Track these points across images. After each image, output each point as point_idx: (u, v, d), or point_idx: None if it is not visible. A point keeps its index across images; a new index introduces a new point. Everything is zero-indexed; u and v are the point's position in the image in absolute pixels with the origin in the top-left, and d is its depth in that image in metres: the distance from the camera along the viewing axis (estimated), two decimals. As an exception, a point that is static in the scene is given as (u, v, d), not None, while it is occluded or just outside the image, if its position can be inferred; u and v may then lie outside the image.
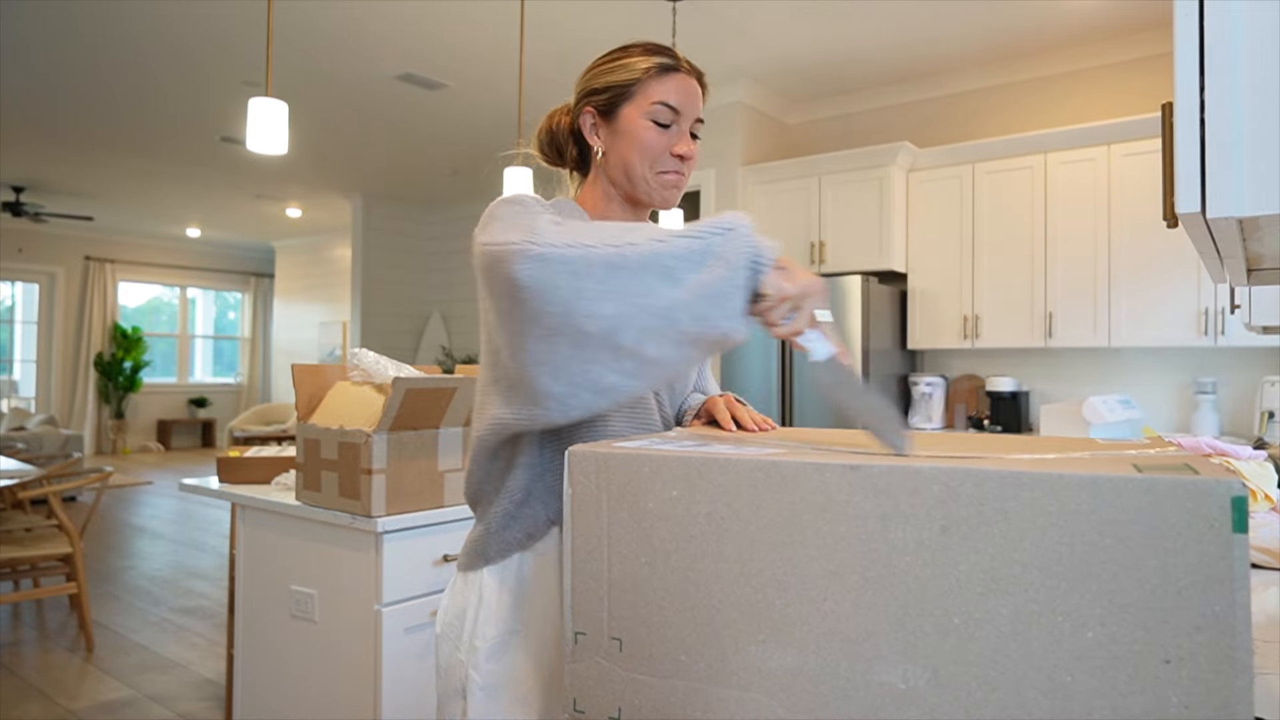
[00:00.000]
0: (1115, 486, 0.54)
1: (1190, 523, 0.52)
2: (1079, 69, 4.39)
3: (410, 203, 8.29)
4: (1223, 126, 0.56)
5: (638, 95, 1.08)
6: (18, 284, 10.24)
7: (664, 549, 0.71)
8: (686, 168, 1.12)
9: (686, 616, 0.69)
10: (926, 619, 0.59)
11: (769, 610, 0.65)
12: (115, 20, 4.11)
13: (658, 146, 1.08)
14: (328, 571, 1.97)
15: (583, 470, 0.76)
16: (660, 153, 1.09)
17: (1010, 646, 0.56)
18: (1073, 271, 4.04)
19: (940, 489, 0.59)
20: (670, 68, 1.09)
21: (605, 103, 1.10)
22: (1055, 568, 0.56)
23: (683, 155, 1.10)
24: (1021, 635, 0.56)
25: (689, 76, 1.11)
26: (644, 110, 1.07)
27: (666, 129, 1.09)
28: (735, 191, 4.94)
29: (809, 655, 0.63)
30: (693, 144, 1.11)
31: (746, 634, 0.66)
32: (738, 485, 0.67)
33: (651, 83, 1.08)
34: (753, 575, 0.66)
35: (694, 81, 1.11)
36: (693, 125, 1.12)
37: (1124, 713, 0.53)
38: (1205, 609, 0.52)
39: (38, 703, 2.94)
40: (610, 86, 1.09)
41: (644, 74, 1.08)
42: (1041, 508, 0.56)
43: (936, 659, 0.59)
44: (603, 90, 1.10)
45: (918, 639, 0.59)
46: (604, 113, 1.10)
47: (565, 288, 0.81)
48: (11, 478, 3.65)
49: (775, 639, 0.65)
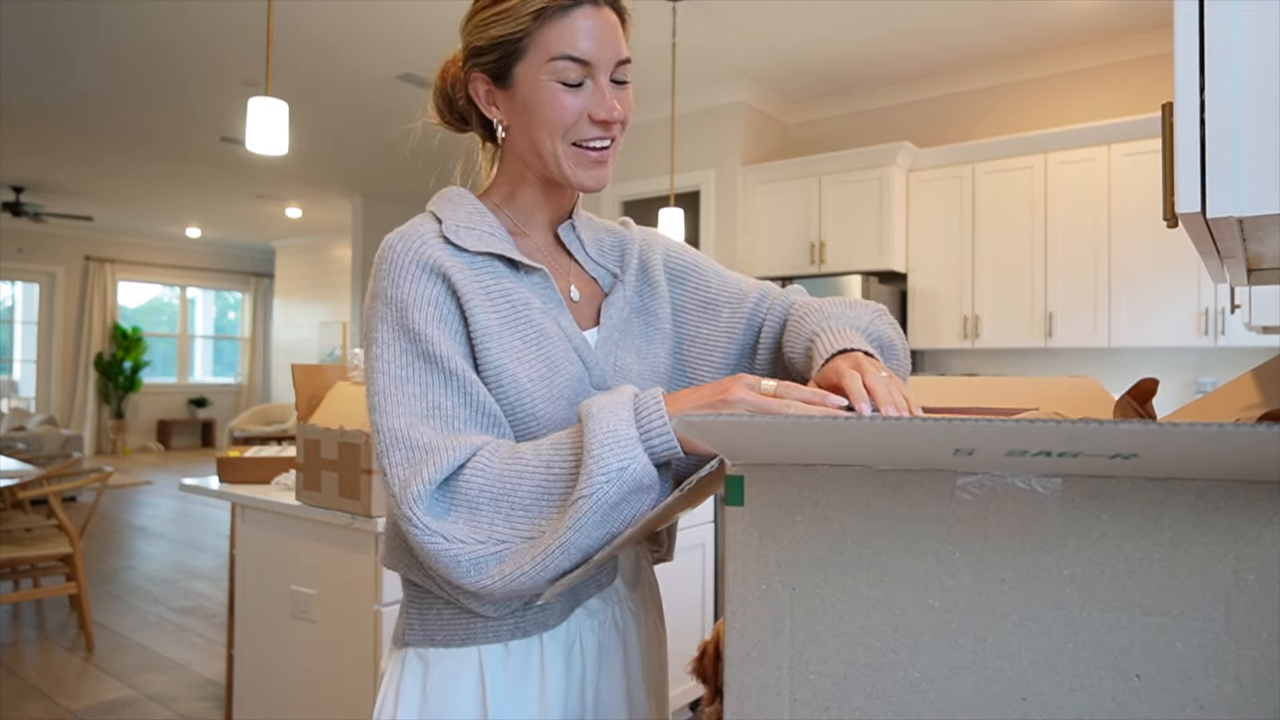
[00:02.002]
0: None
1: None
2: (1079, 69, 4.39)
3: (410, 203, 8.29)
4: (1223, 126, 0.56)
5: (531, 50, 0.81)
6: (18, 284, 10.25)
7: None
8: (615, 132, 0.85)
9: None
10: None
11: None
12: (115, 20, 4.11)
13: (569, 113, 0.81)
14: (328, 571, 1.97)
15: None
16: (573, 121, 0.82)
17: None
18: (1073, 271, 4.04)
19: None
20: (567, 4, 0.80)
21: (493, 65, 0.83)
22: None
23: (605, 120, 0.82)
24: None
25: (599, 6, 0.82)
26: (544, 70, 0.81)
27: (577, 88, 0.81)
28: (735, 191, 4.94)
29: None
30: (617, 100, 0.83)
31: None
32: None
33: (546, 30, 0.80)
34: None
35: (606, 11, 0.82)
36: (615, 71, 0.83)
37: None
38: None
39: (38, 703, 2.94)
40: (495, 43, 0.82)
41: (534, 20, 0.80)
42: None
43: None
44: (487, 48, 0.83)
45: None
46: (496, 78, 0.84)
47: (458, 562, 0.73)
48: (11, 478, 3.65)
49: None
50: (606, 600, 0.92)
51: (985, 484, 0.55)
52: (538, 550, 0.71)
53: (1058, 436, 0.42)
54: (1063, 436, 0.42)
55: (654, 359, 0.94)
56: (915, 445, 0.48)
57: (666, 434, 0.71)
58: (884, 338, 0.88)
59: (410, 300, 0.79)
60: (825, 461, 0.57)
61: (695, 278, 1.00)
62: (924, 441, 0.47)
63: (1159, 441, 0.41)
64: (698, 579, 2.65)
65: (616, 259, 0.98)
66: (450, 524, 0.73)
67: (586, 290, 0.95)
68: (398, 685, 0.86)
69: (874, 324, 0.88)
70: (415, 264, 0.80)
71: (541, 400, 0.82)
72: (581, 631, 0.89)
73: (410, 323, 0.79)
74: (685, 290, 0.99)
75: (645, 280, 0.98)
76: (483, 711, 0.84)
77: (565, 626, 0.88)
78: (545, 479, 0.73)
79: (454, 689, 0.84)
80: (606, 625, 0.92)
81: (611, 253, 0.98)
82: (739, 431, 0.50)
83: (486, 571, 0.72)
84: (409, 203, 8.29)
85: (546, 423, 0.82)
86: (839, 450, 0.51)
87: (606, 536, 0.71)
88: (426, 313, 0.79)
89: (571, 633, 0.88)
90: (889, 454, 0.52)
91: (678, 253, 1.01)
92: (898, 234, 4.46)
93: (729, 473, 0.59)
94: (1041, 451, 0.46)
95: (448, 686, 0.84)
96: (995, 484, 0.54)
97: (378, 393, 0.79)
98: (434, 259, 0.81)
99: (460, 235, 0.84)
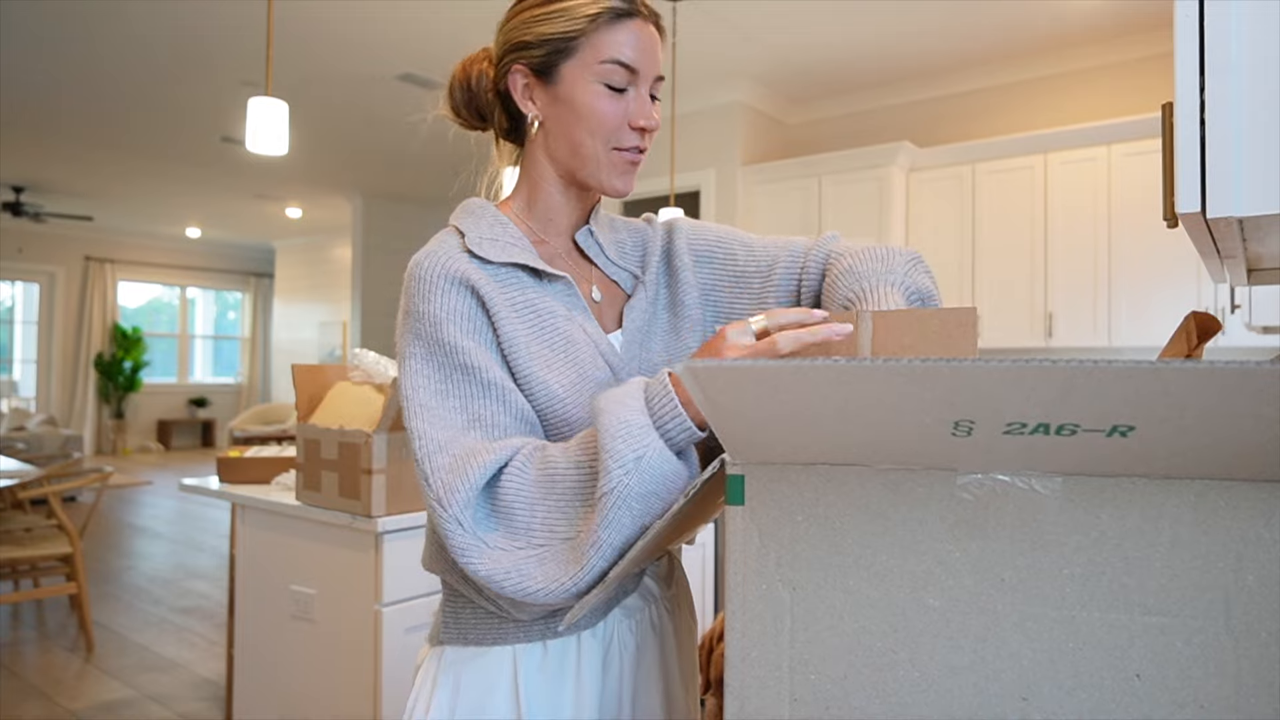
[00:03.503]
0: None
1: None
2: (1079, 69, 4.39)
3: (410, 203, 8.29)
4: (1223, 126, 0.56)
5: (583, 51, 0.83)
6: (18, 284, 10.24)
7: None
8: (648, 142, 0.87)
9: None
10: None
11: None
12: (115, 20, 4.11)
13: (612, 117, 0.84)
14: (328, 571, 1.97)
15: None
16: (617, 125, 0.84)
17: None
18: (1073, 271, 4.04)
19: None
20: (624, 12, 0.83)
21: (540, 60, 0.85)
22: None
23: (644, 128, 0.86)
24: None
25: (646, 22, 0.85)
26: (592, 71, 0.83)
27: (622, 93, 0.84)
28: (735, 192, 4.94)
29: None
30: (655, 111, 0.87)
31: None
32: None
33: (600, 34, 0.82)
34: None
35: (652, 28, 0.86)
36: (653, 85, 0.87)
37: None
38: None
39: (38, 703, 2.94)
40: (546, 39, 0.84)
41: (590, 23, 0.82)
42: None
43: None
44: (535, 44, 0.84)
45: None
46: (539, 72, 0.85)
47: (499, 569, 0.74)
48: (11, 478, 3.65)
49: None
50: (644, 599, 0.92)
51: (985, 484, 0.55)
52: (577, 552, 0.71)
53: (1051, 383, 0.41)
54: (1057, 382, 0.41)
55: (683, 352, 0.93)
56: (911, 388, 0.46)
57: (679, 416, 0.70)
58: (922, 290, 0.86)
59: (443, 315, 0.80)
60: (826, 460, 0.57)
61: (722, 255, 0.97)
62: (920, 387, 0.45)
63: (1154, 392, 0.40)
64: (698, 579, 2.65)
65: (638, 259, 0.98)
66: (492, 533, 0.74)
67: (609, 293, 0.95)
68: (432, 682, 0.87)
69: (909, 276, 0.85)
70: (444, 278, 0.81)
71: (574, 406, 0.82)
72: (619, 631, 0.89)
73: (445, 336, 0.80)
74: (714, 270, 0.97)
75: (669, 274, 0.97)
76: (516, 710, 0.84)
77: (603, 626, 0.88)
78: (576, 479, 0.73)
79: (488, 688, 0.85)
80: (643, 625, 0.92)
81: (633, 253, 0.98)
82: (736, 377, 0.48)
83: (529, 575, 0.72)
84: (409, 203, 8.29)
85: (579, 428, 0.82)
86: (834, 393, 0.49)
87: (640, 529, 0.70)
88: (460, 325, 0.80)
89: (608, 632, 0.88)
90: (887, 416, 0.50)
91: (700, 233, 0.99)
92: (897, 234, 4.46)
93: (729, 472, 0.59)
94: (1040, 426, 0.46)
95: (481, 685, 0.85)
96: (995, 484, 0.54)
97: (420, 407, 0.79)
98: (461, 272, 0.82)
99: (484, 247, 0.84)
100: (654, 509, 0.70)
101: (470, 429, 0.78)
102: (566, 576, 0.71)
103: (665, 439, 0.70)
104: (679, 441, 0.71)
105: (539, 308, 0.85)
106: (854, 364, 0.44)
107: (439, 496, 0.75)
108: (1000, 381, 0.42)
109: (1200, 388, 0.40)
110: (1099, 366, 0.39)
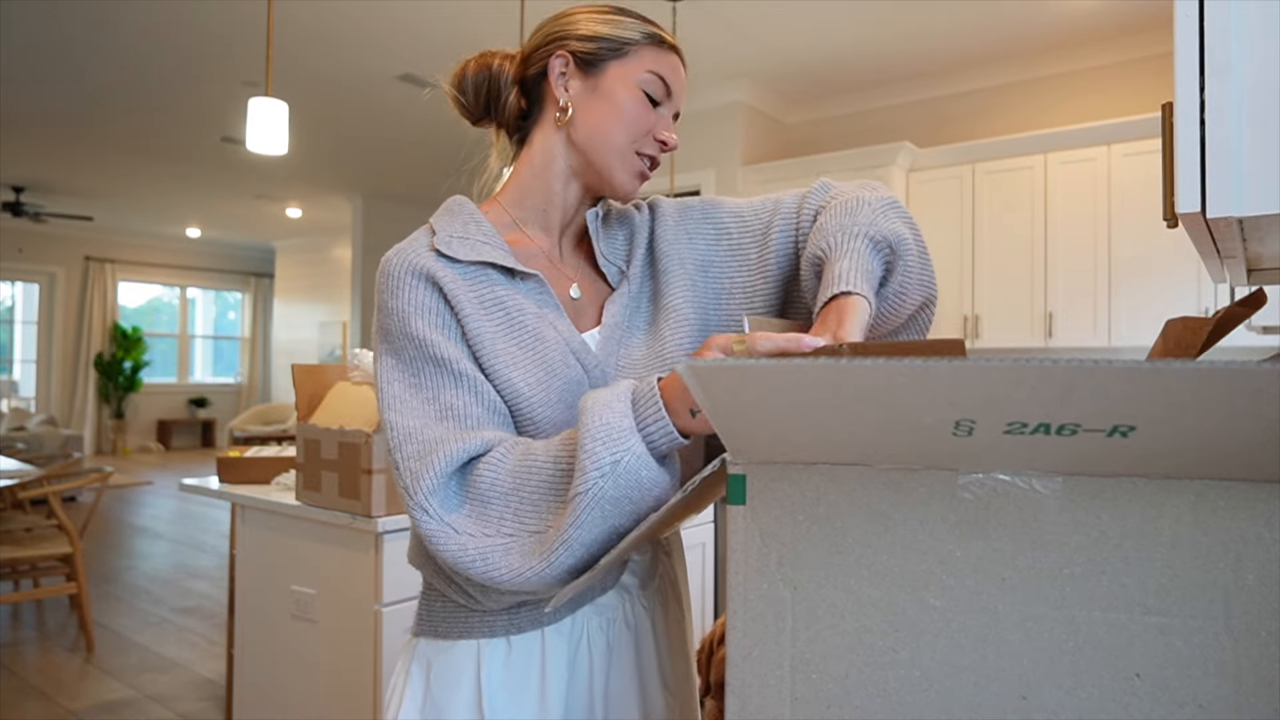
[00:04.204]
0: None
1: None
2: (1079, 69, 4.39)
3: (410, 203, 8.29)
4: (1223, 126, 0.56)
5: (632, 57, 0.88)
6: (18, 284, 10.25)
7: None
8: (660, 158, 0.93)
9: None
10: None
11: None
12: (115, 20, 4.11)
13: (644, 121, 0.89)
14: (328, 571, 1.97)
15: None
16: (646, 130, 0.89)
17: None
18: (1073, 271, 4.04)
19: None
20: (672, 48, 0.92)
21: (589, 52, 0.88)
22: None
23: (665, 141, 0.91)
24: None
25: (682, 66, 0.94)
26: (636, 76, 0.88)
27: (656, 106, 0.90)
28: (735, 192, 4.94)
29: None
30: (675, 134, 0.94)
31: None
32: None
33: (649, 50, 0.89)
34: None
35: (684, 70, 0.94)
36: (675, 115, 0.94)
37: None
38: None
39: (38, 703, 2.94)
40: (601, 37, 0.88)
41: (645, 39, 0.89)
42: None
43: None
44: (589, 37, 0.88)
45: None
46: (584, 63, 0.89)
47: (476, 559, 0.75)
48: (11, 478, 3.65)
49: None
50: (619, 595, 0.91)
51: (985, 484, 0.55)
52: (544, 546, 0.72)
53: (1052, 383, 0.41)
54: (1057, 382, 0.41)
55: (665, 347, 0.89)
56: (911, 388, 0.45)
57: (662, 421, 0.70)
58: (891, 236, 0.82)
59: (410, 309, 0.82)
60: (827, 460, 0.57)
61: (713, 231, 0.95)
62: (920, 387, 0.45)
63: (1155, 392, 0.40)
64: (698, 578, 2.65)
65: (624, 253, 0.96)
66: (461, 517, 0.75)
67: (593, 289, 0.94)
68: (405, 674, 0.88)
69: (875, 224, 0.82)
70: (409, 274, 0.83)
71: (540, 405, 0.82)
72: (589, 629, 0.89)
73: (414, 330, 0.81)
74: (708, 243, 0.95)
75: (651, 265, 0.95)
76: (478, 705, 0.84)
77: (570, 623, 0.88)
78: (552, 474, 0.74)
79: (454, 682, 0.86)
80: (616, 623, 0.91)
81: (621, 247, 0.97)
82: (739, 376, 0.48)
83: (494, 564, 0.73)
84: (409, 203, 8.29)
85: (547, 427, 0.83)
86: (836, 393, 0.49)
87: (612, 531, 0.71)
88: (428, 319, 0.82)
89: (577, 629, 0.88)
90: (887, 416, 0.50)
91: (686, 210, 0.98)
92: (898, 234, 4.46)
93: (731, 471, 0.59)
94: (1040, 425, 0.46)
95: (448, 678, 0.86)
96: (996, 484, 0.54)
97: (393, 399, 0.81)
98: (425, 268, 0.83)
99: (453, 246, 0.85)
100: (626, 512, 0.70)
101: (442, 420, 0.79)
102: (528, 568, 0.72)
103: (647, 443, 0.70)
104: (660, 447, 0.71)
105: (508, 305, 0.85)
106: (855, 363, 0.44)
107: (406, 484, 0.77)
108: (1001, 381, 0.42)
109: (1200, 388, 0.40)
110: (1099, 366, 0.40)
